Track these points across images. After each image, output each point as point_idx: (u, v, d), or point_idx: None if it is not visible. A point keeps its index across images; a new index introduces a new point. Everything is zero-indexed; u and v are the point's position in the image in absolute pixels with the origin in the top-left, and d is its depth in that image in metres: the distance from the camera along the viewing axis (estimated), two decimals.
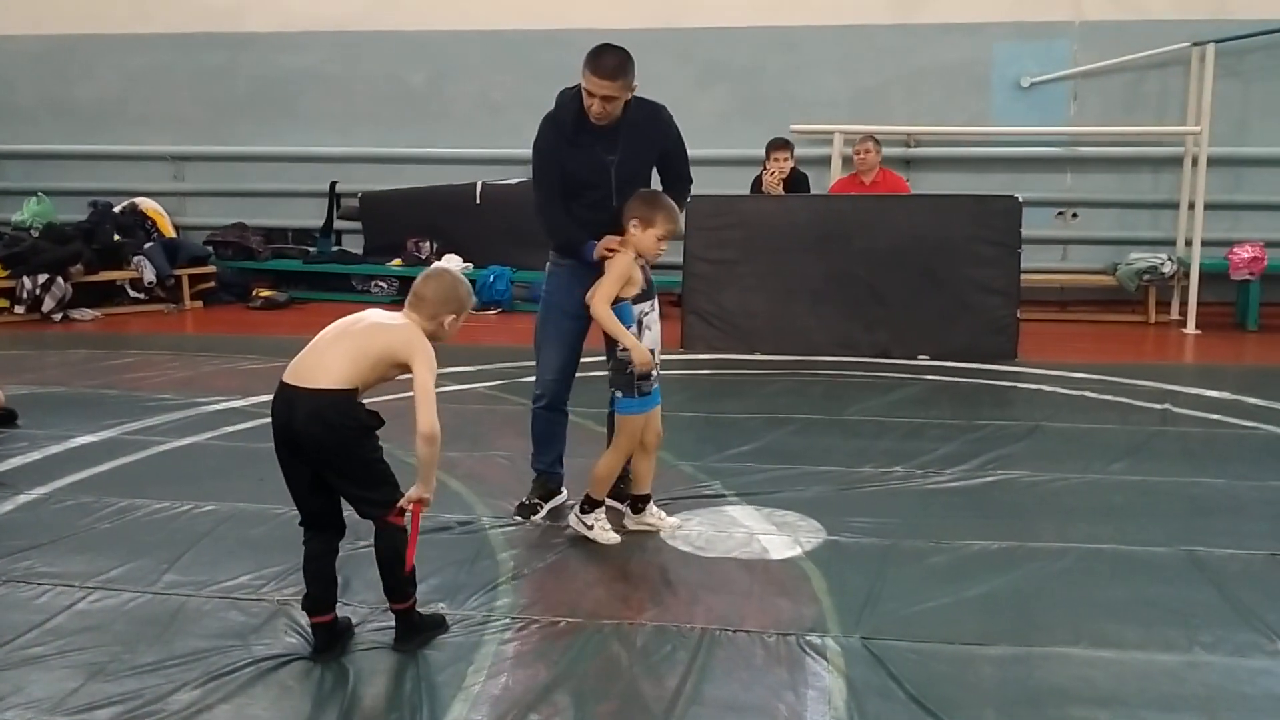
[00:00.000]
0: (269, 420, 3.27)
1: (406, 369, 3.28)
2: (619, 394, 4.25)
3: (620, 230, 4.20)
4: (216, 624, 3.51)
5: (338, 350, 3.26)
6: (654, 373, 4.23)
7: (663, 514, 4.45)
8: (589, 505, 4.30)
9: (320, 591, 3.36)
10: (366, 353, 3.25)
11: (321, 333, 3.36)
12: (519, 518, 4.47)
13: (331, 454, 3.23)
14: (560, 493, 4.66)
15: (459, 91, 11.46)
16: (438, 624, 3.48)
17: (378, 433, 3.30)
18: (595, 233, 4.28)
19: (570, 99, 4.28)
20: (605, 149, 4.26)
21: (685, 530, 4.37)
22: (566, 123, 4.27)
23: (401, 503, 3.26)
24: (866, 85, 10.75)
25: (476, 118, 11.29)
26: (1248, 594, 3.72)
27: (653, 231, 4.14)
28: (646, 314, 4.21)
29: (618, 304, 4.14)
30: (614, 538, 4.26)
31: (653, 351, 4.21)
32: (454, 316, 3.41)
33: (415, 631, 3.39)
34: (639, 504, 4.42)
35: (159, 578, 3.88)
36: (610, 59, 4.11)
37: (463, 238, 10.85)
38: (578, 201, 4.34)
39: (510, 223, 10.08)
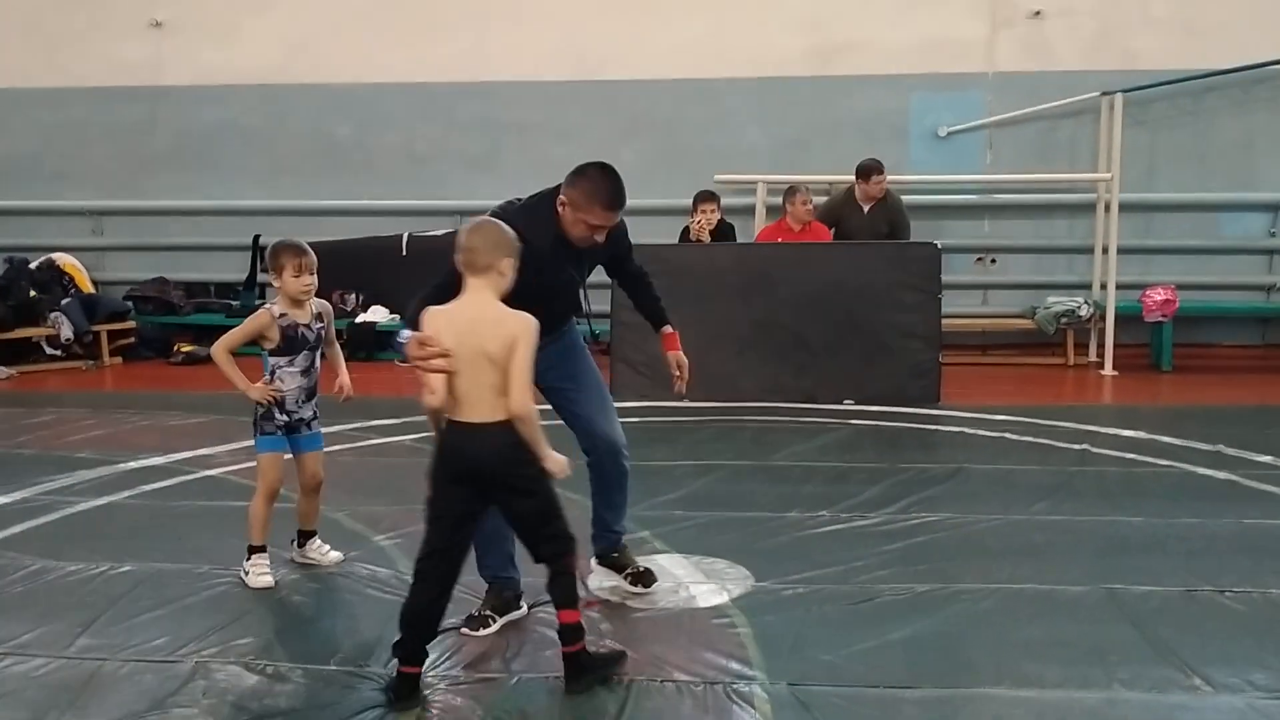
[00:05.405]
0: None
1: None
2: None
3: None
4: (133, 689, 3.42)
5: (485, 384, 3.26)
6: (296, 416, 4.50)
7: (326, 548, 4.64)
8: (248, 551, 4.40)
9: (414, 642, 3.36)
10: (501, 369, 3.26)
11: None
12: (466, 630, 3.82)
13: (507, 482, 3.31)
14: (519, 607, 4.00)
15: (383, 144, 11.44)
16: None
17: None
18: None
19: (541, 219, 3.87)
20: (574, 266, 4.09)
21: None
22: (543, 246, 3.83)
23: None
24: (787, 136, 10.93)
25: (401, 169, 11.27)
26: (1164, 630, 3.79)
27: (287, 274, 4.44)
28: (281, 366, 4.48)
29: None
30: (266, 581, 4.32)
31: (284, 398, 4.49)
32: (509, 260, 3.36)
33: (585, 671, 3.41)
34: (302, 540, 4.63)
35: (73, 642, 3.77)
36: (620, 186, 3.87)
37: (389, 289, 10.77)
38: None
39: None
